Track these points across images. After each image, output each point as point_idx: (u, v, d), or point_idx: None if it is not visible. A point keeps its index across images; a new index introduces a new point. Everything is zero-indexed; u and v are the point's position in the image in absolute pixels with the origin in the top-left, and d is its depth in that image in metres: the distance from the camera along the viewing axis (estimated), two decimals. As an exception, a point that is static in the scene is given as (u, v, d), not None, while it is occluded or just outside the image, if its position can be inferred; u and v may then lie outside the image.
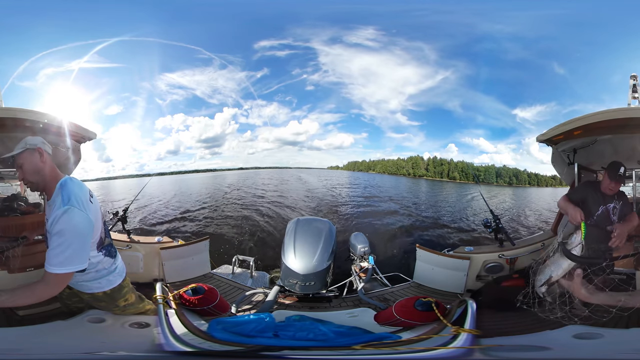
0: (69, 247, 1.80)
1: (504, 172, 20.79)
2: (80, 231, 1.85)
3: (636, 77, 3.27)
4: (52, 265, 1.79)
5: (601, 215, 2.75)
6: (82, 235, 1.86)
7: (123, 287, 2.23)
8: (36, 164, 2.02)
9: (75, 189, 1.95)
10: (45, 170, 2.03)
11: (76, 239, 1.83)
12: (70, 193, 1.89)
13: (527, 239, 3.77)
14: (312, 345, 2.18)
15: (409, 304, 2.53)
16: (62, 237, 1.79)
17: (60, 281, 1.85)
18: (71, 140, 3.23)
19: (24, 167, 2.02)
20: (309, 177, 21.49)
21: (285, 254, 3.29)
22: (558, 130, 3.12)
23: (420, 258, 3.77)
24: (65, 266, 1.80)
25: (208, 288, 2.70)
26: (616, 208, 2.75)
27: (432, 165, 24.57)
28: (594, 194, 2.82)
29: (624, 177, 2.74)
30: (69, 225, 1.80)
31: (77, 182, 2.04)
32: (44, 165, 2.03)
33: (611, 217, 2.74)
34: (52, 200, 1.99)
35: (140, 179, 16.36)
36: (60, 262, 1.79)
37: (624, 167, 2.73)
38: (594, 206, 2.77)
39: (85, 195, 1.99)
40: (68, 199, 1.86)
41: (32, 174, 2.03)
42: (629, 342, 2.08)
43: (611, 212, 2.75)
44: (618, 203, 2.76)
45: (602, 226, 2.69)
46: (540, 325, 2.38)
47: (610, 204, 2.76)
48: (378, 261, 3.93)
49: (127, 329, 2.19)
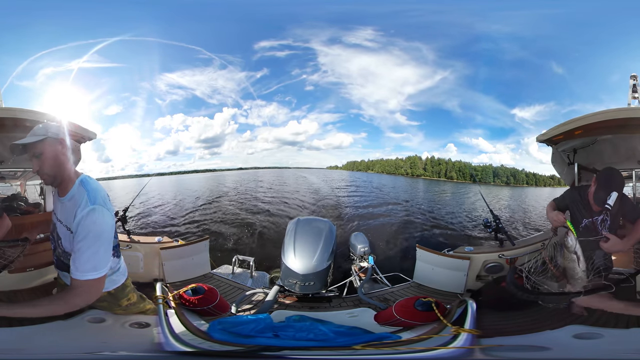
0: (99, 249, 1.71)
1: (501, 171, 20.80)
2: (108, 232, 1.77)
3: (636, 77, 3.27)
4: (85, 271, 1.68)
5: (588, 227, 2.53)
6: (109, 237, 1.78)
7: (126, 287, 2.20)
8: (58, 156, 1.85)
9: (98, 186, 1.85)
10: (67, 164, 1.88)
11: (105, 240, 1.75)
12: (96, 191, 1.79)
13: (527, 239, 3.77)
14: (312, 345, 2.18)
15: (409, 304, 2.53)
16: (92, 239, 1.69)
17: (96, 287, 1.74)
18: (71, 140, 3.22)
19: (43, 156, 1.83)
20: (311, 177, 21.51)
21: (285, 254, 3.29)
22: (558, 130, 3.12)
23: (420, 258, 3.77)
24: (98, 270, 1.71)
25: (208, 288, 2.70)
26: (606, 220, 2.48)
27: (429, 165, 24.60)
28: (579, 204, 2.58)
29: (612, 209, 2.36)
30: (100, 226, 1.71)
31: (94, 180, 1.94)
32: (65, 158, 1.87)
33: (599, 230, 2.47)
34: (69, 197, 1.85)
35: (140, 179, 16.34)
36: (94, 267, 1.69)
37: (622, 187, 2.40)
38: (579, 217, 2.58)
39: (106, 193, 1.89)
40: (95, 197, 1.76)
41: (52, 166, 1.85)
42: (629, 342, 2.08)
43: (599, 225, 2.50)
44: (608, 214, 2.45)
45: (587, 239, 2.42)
46: (540, 325, 2.38)
47: (597, 217, 2.50)
48: (378, 261, 3.94)
49: (127, 329, 2.19)
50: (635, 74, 3.29)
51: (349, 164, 25.78)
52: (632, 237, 2.46)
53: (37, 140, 1.81)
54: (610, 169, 2.52)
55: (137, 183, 15.53)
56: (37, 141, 1.81)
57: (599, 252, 2.42)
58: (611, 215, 2.46)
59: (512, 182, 21.28)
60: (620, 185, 2.42)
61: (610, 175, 2.45)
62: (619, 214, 2.52)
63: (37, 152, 1.82)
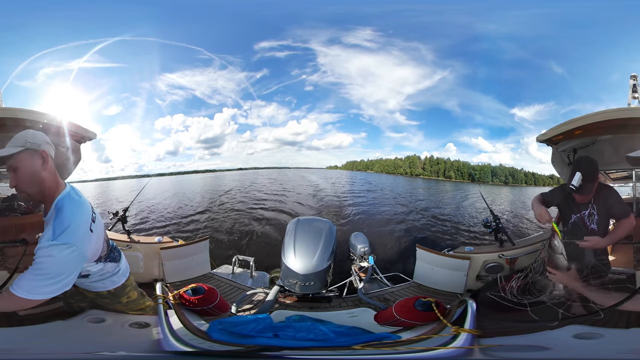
0: (44, 282, 1.53)
1: (499, 171, 20.78)
2: (66, 269, 1.57)
3: (636, 77, 3.27)
4: (19, 287, 1.53)
5: (576, 223, 2.49)
6: (67, 273, 1.58)
7: (126, 286, 2.21)
8: (36, 171, 1.63)
9: (73, 215, 1.61)
10: (46, 182, 1.65)
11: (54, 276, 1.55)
12: (64, 225, 1.55)
13: (527, 239, 3.77)
14: (312, 345, 2.18)
15: (409, 304, 2.53)
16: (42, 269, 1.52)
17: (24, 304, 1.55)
18: (71, 140, 3.23)
19: (19, 172, 1.62)
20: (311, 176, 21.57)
21: (285, 254, 3.29)
22: (558, 130, 3.12)
23: (420, 258, 3.77)
24: (32, 293, 1.53)
25: (208, 288, 2.70)
26: (593, 214, 2.42)
27: (428, 165, 24.63)
28: (566, 200, 2.53)
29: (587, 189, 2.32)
30: (54, 263, 1.52)
31: (78, 201, 1.70)
32: (46, 173, 1.65)
33: (587, 225, 2.43)
34: (47, 219, 1.66)
35: (140, 179, 16.34)
36: (29, 290, 1.53)
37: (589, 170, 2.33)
38: (567, 213, 2.53)
39: (86, 221, 1.66)
40: (60, 231, 1.53)
41: (29, 184, 1.64)
42: (629, 342, 2.08)
43: (586, 220, 2.44)
44: (594, 208, 2.41)
45: (578, 235, 2.40)
46: (540, 325, 2.38)
47: (584, 211, 2.45)
48: (378, 261, 3.94)
49: (127, 329, 2.19)
50: (635, 74, 3.29)
51: (348, 164, 25.78)
52: (612, 235, 2.44)
53: (11, 153, 1.60)
54: (583, 156, 2.51)
55: (137, 183, 15.54)
56: (12, 154, 1.60)
57: (588, 251, 2.41)
58: (597, 209, 2.43)
59: (511, 182, 21.28)
60: (586, 168, 2.35)
61: (579, 159, 2.45)
62: (605, 208, 2.45)
63: (14, 166, 1.62)
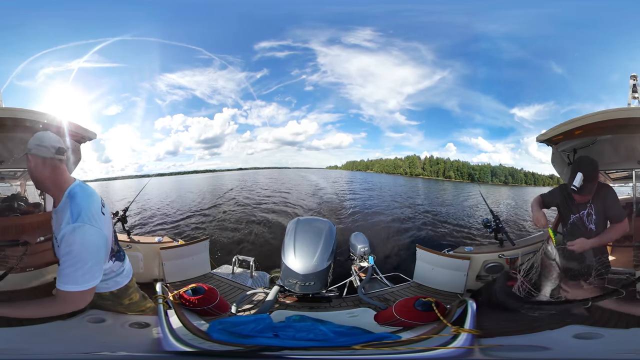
0: (84, 265, 1.68)
1: (499, 171, 20.79)
2: (94, 249, 1.73)
3: (636, 77, 3.27)
4: (65, 283, 1.68)
5: (575, 223, 2.49)
6: (96, 253, 1.75)
7: (129, 287, 2.22)
8: (31, 172, 1.85)
9: (86, 201, 1.79)
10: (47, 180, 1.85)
11: (91, 257, 1.71)
12: (80, 208, 1.74)
13: (527, 239, 3.77)
14: (312, 345, 2.18)
15: (409, 304, 2.53)
16: (75, 256, 1.67)
17: (76, 299, 1.72)
18: (71, 140, 3.23)
19: (29, 169, 1.86)
20: (311, 176, 21.58)
21: (285, 253, 3.29)
22: (558, 130, 3.12)
23: (420, 258, 3.77)
24: (80, 284, 1.69)
25: (208, 288, 2.70)
26: (591, 214, 2.44)
27: (428, 165, 24.63)
28: (565, 200, 2.54)
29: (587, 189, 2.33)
30: (81, 244, 1.68)
31: (88, 190, 1.89)
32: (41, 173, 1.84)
33: (587, 225, 2.45)
34: (59, 208, 1.83)
35: (140, 179, 16.34)
36: (74, 280, 1.68)
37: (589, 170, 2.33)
38: (566, 214, 2.54)
39: (97, 207, 1.84)
40: (78, 214, 1.71)
41: (35, 180, 1.88)
42: (629, 342, 2.08)
43: (585, 220, 2.45)
44: (592, 208, 2.43)
45: (577, 236, 2.41)
46: (540, 325, 2.38)
47: (583, 211, 2.46)
48: (378, 261, 3.94)
49: (127, 329, 2.19)
50: (635, 74, 3.29)
51: (348, 164, 25.78)
52: (601, 238, 2.43)
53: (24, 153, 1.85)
54: (583, 156, 2.50)
55: (137, 183, 15.54)
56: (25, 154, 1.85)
57: (587, 251, 2.41)
58: (595, 209, 2.43)
59: (511, 182, 21.28)
60: (587, 168, 2.36)
61: (579, 159, 2.45)
62: (602, 208, 2.46)
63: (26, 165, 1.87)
